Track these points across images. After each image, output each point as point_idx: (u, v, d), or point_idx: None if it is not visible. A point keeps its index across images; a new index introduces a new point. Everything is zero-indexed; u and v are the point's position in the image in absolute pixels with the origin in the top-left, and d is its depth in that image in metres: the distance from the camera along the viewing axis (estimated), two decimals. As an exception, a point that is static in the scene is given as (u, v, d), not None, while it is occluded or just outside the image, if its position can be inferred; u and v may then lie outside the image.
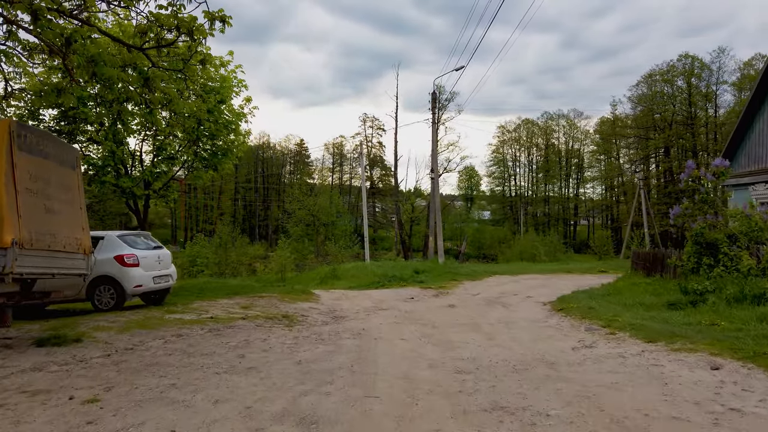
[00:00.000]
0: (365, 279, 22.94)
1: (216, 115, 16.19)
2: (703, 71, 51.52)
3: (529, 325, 10.10)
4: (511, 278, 21.75)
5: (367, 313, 12.49)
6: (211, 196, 78.06)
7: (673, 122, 55.22)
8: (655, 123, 57.18)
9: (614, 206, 69.54)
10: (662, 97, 54.32)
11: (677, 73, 52.81)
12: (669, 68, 53.36)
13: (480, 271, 22.97)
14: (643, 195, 41.71)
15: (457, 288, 18.32)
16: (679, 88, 54.03)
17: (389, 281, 20.53)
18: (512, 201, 79.67)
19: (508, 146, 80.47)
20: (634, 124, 59.72)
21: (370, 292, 17.60)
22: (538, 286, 19.23)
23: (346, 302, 14.28)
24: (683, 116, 54.41)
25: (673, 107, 54.17)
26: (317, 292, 16.58)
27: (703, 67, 51.60)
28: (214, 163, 17.42)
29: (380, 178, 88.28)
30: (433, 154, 27.29)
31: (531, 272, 24.37)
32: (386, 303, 14.45)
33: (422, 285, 18.82)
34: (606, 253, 47.70)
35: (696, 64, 51.92)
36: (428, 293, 16.86)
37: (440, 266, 23.41)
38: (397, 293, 16.85)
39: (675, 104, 53.57)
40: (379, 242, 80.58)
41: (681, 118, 54.74)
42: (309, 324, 10.54)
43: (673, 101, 53.61)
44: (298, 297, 14.31)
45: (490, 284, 19.58)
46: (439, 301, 15.08)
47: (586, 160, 76.19)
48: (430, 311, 12.81)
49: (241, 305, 12.22)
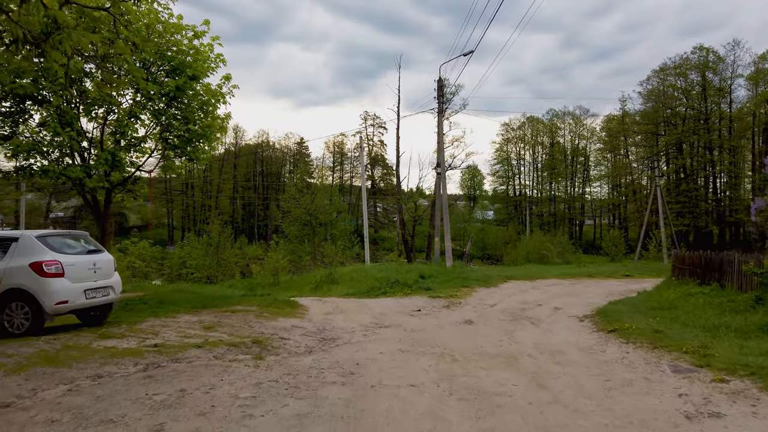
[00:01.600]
0: (365, 284, 20.28)
1: (188, 93, 13.50)
2: (718, 64, 48.68)
3: (584, 357, 7.37)
4: (529, 284, 19.01)
5: (364, 333, 9.78)
6: (209, 195, 75.39)
7: (686, 117, 52.43)
8: (667, 118, 54.38)
9: (622, 205, 66.67)
10: (676, 91, 51.49)
11: (691, 66, 49.98)
12: (683, 61, 50.56)
13: (493, 276, 20.23)
14: (659, 193, 38.97)
15: (470, 297, 15.59)
16: (691, 82, 51.20)
17: (391, 287, 17.82)
18: (517, 200, 76.85)
19: (513, 144, 77.67)
20: (644, 119, 56.87)
21: (370, 301, 14.89)
22: (563, 294, 16.51)
23: (339, 318, 11.56)
24: (697, 111, 51.59)
25: (687, 101, 51.31)
26: (307, 303, 13.87)
27: (718, 59, 48.78)
28: (189, 152, 14.71)
29: (381, 177, 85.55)
30: (439, 147, 24.57)
31: (549, 276, 21.64)
32: (388, 318, 11.75)
33: (430, 293, 16.09)
34: (618, 254, 44.91)
35: (711, 57, 49.09)
36: (437, 303, 14.14)
37: (448, 270, 20.69)
38: (400, 303, 14.13)
39: (689, 98, 50.72)
40: (380, 243, 77.83)
41: (694, 113, 51.94)
42: (286, 353, 7.83)
43: (686, 95, 50.76)
44: (280, 311, 11.59)
45: (507, 292, 16.85)
46: (453, 314, 12.36)
47: (592, 159, 73.37)
48: (444, 330, 10.10)
49: (205, 324, 9.51)
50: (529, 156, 77.32)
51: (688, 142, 52.37)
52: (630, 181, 63.97)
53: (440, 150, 24.43)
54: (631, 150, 64.64)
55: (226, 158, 79.33)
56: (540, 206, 73.61)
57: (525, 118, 76.22)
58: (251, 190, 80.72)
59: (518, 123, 77.13)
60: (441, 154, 24.34)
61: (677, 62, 51.01)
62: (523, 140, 77.10)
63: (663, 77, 53.33)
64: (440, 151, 24.41)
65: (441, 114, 25.30)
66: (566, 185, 73.55)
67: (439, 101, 25.21)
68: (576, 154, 73.88)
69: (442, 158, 24.20)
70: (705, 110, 50.93)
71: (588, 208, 76.42)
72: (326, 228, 33.93)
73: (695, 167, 52.98)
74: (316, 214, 32.71)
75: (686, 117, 52.64)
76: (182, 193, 74.82)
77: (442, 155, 24.26)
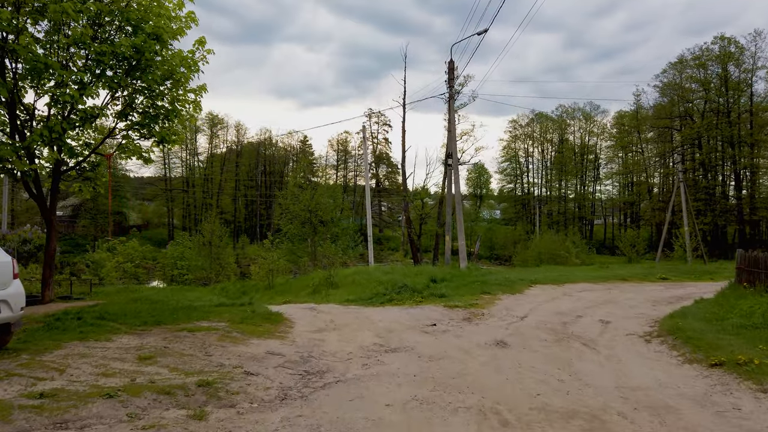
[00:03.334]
0: (368, 289, 17.57)
1: (149, 57, 10.78)
2: (741, 54, 45.59)
3: (716, 425, 4.57)
4: (558, 289, 16.21)
5: (364, 362, 7.06)
6: (210, 194, 72.81)
7: (705, 111, 49.39)
8: (686, 112, 51.33)
9: (636, 204, 63.59)
10: (695, 83, 48.43)
11: (712, 57, 46.91)
12: (702, 52, 47.50)
13: (514, 279, 17.41)
14: (683, 189, 35.96)
15: (493, 306, 12.80)
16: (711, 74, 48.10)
17: (398, 293, 15.08)
18: (525, 199, 73.89)
19: (521, 141, 74.70)
20: (659, 114, 53.79)
21: (373, 311, 12.15)
22: (602, 302, 13.71)
23: (332, 337, 8.82)
24: (718, 104, 48.52)
25: (706, 94, 48.22)
26: (295, 314, 11.14)
27: (740, 50, 45.69)
28: (156, 132, 11.99)
29: (386, 175, 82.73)
30: (451, 136, 21.80)
31: (577, 280, 18.80)
32: (396, 336, 9.02)
33: (445, 301, 13.31)
34: (635, 254, 41.97)
35: (732, 48, 46.00)
36: (456, 315, 11.37)
37: (462, 273, 17.90)
38: (411, 315, 11.38)
39: (708, 91, 47.64)
40: (385, 242, 75.06)
41: (715, 106, 48.87)
42: (245, 404, 5.12)
43: (706, 88, 47.68)
44: (257, 328, 8.84)
45: (536, 299, 14.05)
46: (478, 331, 9.61)
47: (603, 156, 70.31)
48: (473, 358, 7.36)
49: (143, 353, 6.77)
50: (537, 153, 74.34)
51: (707, 137, 49.31)
52: (644, 178, 60.96)
53: (452, 139, 21.65)
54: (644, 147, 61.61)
55: (228, 156, 76.79)
56: (549, 205, 70.60)
57: (534, 115, 73.30)
58: (254, 189, 78.08)
59: (526, 120, 74.19)
60: (453, 144, 21.56)
61: (696, 53, 48.00)
62: (531, 137, 74.14)
63: (681, 69, 50.29)
64: (452, 140, 21.63)
65: (452, 99, 22.54)
66: (576, 183, 70.51)
67: (449, 86, 22.46)
68: (586, 152, 70.86)
69: (454, 148, 21.41)
70: (726, 103, 47.83)
71: (598, 207, 73.39)
72: (328, 227, 31.17)
73: (714, 163, 49.94)
74: (317, 211, 29.97)
75: (705, 111, 49.57)
76: (183, 191, 72.27)
77: (453, 145, 21.48)
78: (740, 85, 47.17)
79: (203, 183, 73.40)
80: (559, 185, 71.49)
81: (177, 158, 72.84)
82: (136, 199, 79.92)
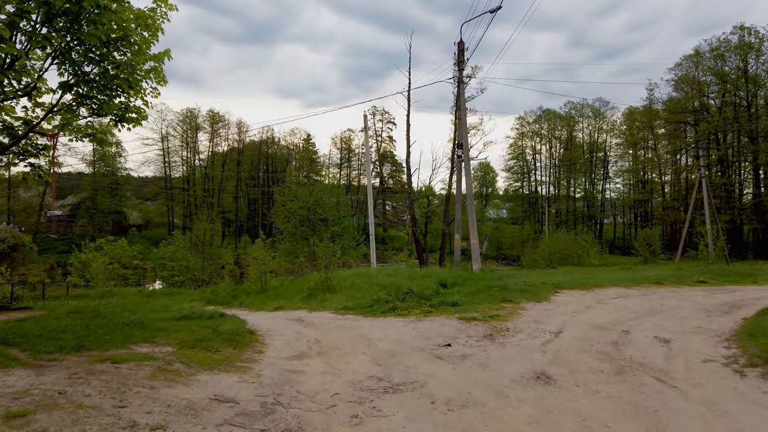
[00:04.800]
0: (368, 294, 15.25)
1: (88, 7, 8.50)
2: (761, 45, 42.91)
3: None
4: (589, 296, 13.83)
5: (353, 414, 4.77)
6: (211, 193, 70.64)
7: (724, 105, 46.74)
8: (702, 106, 48.69)
9: (649, 202, 60.94)
10: (714, 75, 45.76)
11: (730, 48, 44.26)
12: (720, 42, 44.85)
13: (535, 284, 15.02)
14: (705, 185, 33.46)
15: (518, 317, 10.44)
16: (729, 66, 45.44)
17: (403, 300, 12.77)
18: (533, 198, 71.35)
19: (528, 139, 72.11)
20: (673, 108, 51.13)
21: (373, 324, 9.84)
22: (647, 313, 11.32)
23: (314, 366, 6.50)
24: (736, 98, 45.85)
25: (725, 87, 45.55)
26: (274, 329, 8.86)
27: (760, 40, 43.01)
28: (108, 106, 9.72)
29: (390, 174, 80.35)
30: (461, 123, 19.43)
31: (604, 284, 16.38)
32: (400, 365, 6.72)
33: (459, 311, 10.96)
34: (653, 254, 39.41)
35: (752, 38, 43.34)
36: (475, 331, 9.04)
37: (476, 276, 15.53)
38: (418, 330, 9.05)
39: (728, 83, 44.96)
40: (389, 242, 72.75)
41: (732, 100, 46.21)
42: None
43: (725, 80, 45.02)
44: (211, 355, 6.51)
45: (566, 308, 11.67)
46: (507, 356, 7.27)
47: (612, 154, 67.66)
48: (511, 407, 5.04)
49: (18, 406, 4.46)
50: (545, 151, 71.73)
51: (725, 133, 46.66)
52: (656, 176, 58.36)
53: (462, 126, 19.28)
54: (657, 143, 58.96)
55: (230, 155, 74.61)
56: (558, 203, 68.01)
57: (541, 111, 70.74)
58: (256, 188, 75.84)
59: (534, 116, 71.65)
60: (463, 131, 19.18)
61: (714, 44, 45.33)
62: (539, 134, 71.53)
63: (697, 61, 47.64)
64: (462, 128, 19.26)
65: (461, 84, 20.17)
66: (585, 181, 67.88)
67: (459, 68, 20.09)
68: (595, 149, 68.23)
69: (464, 137, 19.03)
70: (746, 96, 45.15)
71: (608, 205, 70.75)
72: (328, 225, 28.85)
73: (732, 160, 47.29)
74: (315, 208, 27.66)
75: (723, 105, 46.92)
76: (184, 190, 70.11)
77: (464, 132, 19.09)
78: (759, 77, 44.50)
79: (204, 182, 71.24)
80: (568, 183, 68.89)
81: (177, 157, 70.80)
82: (137, 198, 77.90)
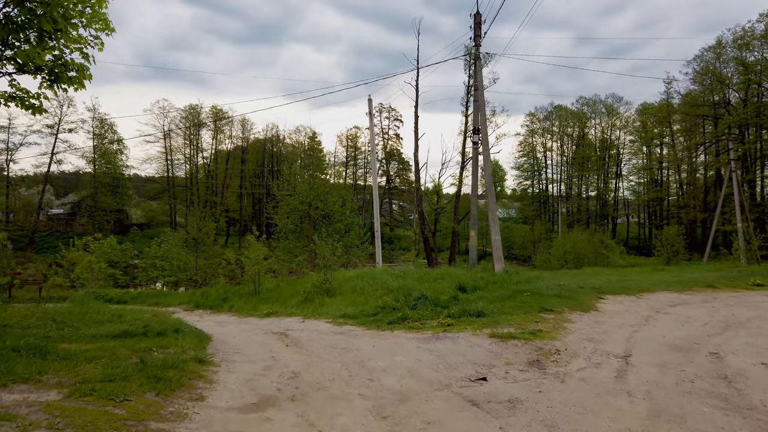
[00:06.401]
0: (372, 298, 12.87)
1: None
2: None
3: None
4: (641, 303, 11.24)
5: None
6: (214, 192, 68.38)
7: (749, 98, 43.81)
8: (725, 99, 45.79)
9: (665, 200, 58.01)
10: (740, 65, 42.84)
11: (756, 36, 41.34)
12: (745, 32, 41.95)
13: (571, 287, 12.44)
14: (735, 181, 30.71)
15: (567, 334, 7.89)
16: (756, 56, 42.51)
17: (414, 308, 10.31)
18: (544, 196, 68.50)
19: (539, 136, 69.26)
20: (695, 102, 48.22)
21: (376, 342, 7.35)
22: (725, 327, 8.72)
23: (283, 425, 3.97)
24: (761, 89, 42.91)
25: (749, 78, 42.61)
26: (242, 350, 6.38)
27: (788, 27, 40.09)
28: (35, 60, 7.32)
29: (397, 172, 77.70)
30: (480, 104, 16.89)
31: (649, 288, 13.74)
32: (417, 418, 4.18)
33: (488, 324, 8.42)
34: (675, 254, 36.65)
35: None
36: (515, 355, 6.51)
37: (500, 278, 12.96)
38: (438, 354, 6.54)
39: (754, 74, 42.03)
40: (396, 242, 70.20)
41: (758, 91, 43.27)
42: None
43: (752, 71, 42.09)
44: (109, 409, 4.01)
45: (622, 320, 9.11)
46: (574, 399, 4.72)
47: (626, 150, 64.71)
48: None
49: None
50: (556, 148, 68.84)
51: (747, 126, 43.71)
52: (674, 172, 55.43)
53: (480, 108, 16.72)
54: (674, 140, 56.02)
55: (234, 153, 72.33)
56: (570, 202, 65.14)
57: (552, 107, 67.90)
58: (260, 187, 73.48)
59: (544, 113, 68.81)
60: (481, 113, 16.62)
61: (738, 33, 42.47)
62: (549, 131, 68.68)
63: (718, 52, 44.75)
64: (480, 110, 16.70)
65: (478, 60, 17.64)
66: (598, 179, 64.97)
67: (476, 43, 17.58)
68: (608, 146, 65.31)
69: (482, 119, 16.48)
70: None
71: (621, 204, 67.80)
72: (331, 221, 26.33)
73: (756, 155, 44.37)
74: (316, 203, 25.18)
75: (748, 97, 44.00)
76: (186, 188, 67.91)
77: (483, 114, 16.54)
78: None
79: (207, 180, 68.99)
80: (580, 181, 66.00)
81: (180, 154, 68.60)
82: (139, 196, 75.83)
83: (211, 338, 7.67)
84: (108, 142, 61.10)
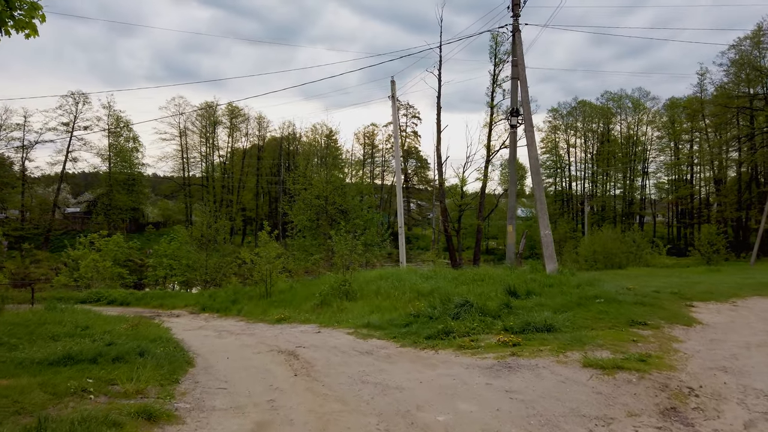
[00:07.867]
0: (400, 304, 10.75)
1: None
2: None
3: None
4: (745, 313, 8.85)
5: None
6: (229, 189, 66.82)
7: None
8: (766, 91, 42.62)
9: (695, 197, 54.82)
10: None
11: (802, 22, 38.20)
12: (790, 17, 38.83)
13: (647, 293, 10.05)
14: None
15: (685, 360, 5.54)
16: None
17: (457, 318, 8.13)
18: (567, 194, 65.62)
19: (562, 132, 66.34)
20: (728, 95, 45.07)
21: (420, 371, 5.09)
22: None
23: None
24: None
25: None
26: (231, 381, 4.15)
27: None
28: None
29: (415, 171, 75.36)
30: (522, 80, 14.57)
31: (738, 292, 11.27)
32: None
33: (568, 345, 6.12)
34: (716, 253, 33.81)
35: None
36: (635, 400, 4.18)
37: (556, 280, 10.63)
38: (520, 398, 4.23)
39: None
40: (414, 241, 67.80)
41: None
42: None
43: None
44: None
45: (741, 337, 6.72)
46: None
47: (654, 147, 61.56)
48: None
49: None
50: (580, 144, 65.85)
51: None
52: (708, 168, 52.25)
53: (522, 83, 14.40)
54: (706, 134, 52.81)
55: (250, 151, 70.71)
56: (595, 200, 62.18)
57: (576, 103, 64.97)
58: (277, 185, 71.77)
59: (568, 108, 65.90)
60: (523, 90, 14.31)
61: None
62: (573, 127, 65.74)
63: (757, 41, 41.60)
64: (522, 86, 14.38)
65: (517, 32, 15.34)
66: (625, 177, 61.89)
67: (514, 13, 15.34)
68: (635, 143, 62.20)
69: (525, 95, 14.18)
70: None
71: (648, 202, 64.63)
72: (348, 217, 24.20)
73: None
74: (333, 198, 23.07)
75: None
76: (202, 186, 66.48)
77: (525, 91, 14.22)
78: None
79: (223, 178, 67.47)
80: (606, 178, 62.97)
81: (196, 152, 67.23)
82: (156, 195, 74.75)
83: (192, 362, 5.54)
84: (124, 140, 59.93)
